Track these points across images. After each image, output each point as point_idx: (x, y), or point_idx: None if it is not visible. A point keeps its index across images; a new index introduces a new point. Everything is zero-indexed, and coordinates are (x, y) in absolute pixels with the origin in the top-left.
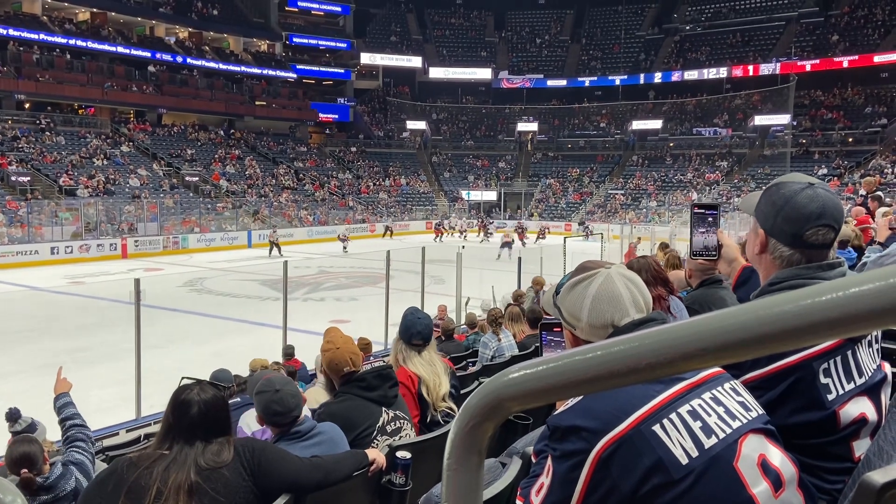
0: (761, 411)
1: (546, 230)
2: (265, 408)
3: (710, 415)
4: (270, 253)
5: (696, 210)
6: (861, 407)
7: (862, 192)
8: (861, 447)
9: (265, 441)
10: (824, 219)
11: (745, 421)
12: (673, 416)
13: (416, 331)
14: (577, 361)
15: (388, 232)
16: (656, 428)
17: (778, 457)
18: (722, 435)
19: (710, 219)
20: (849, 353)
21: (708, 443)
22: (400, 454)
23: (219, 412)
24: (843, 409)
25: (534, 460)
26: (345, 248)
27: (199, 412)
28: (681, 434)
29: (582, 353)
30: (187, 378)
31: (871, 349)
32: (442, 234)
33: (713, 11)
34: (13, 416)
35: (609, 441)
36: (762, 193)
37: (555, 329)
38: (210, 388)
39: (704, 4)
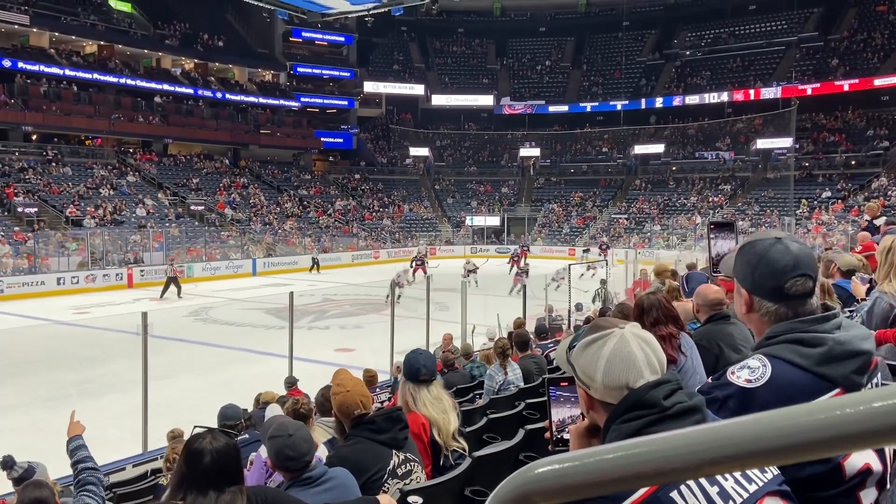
0: (777, 471)
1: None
2: (277, 453)
3: (727, 479)
4: (164, 294)
5: (713, 227)
6: (865, 457)
7: (866, 217)
8: (868, 497)
9: (277, 489)
10: (799, 269)
11: (760, 484)
12: (690, 482)
13: (420, 365)
14: (604, 461)
15: (315, 266)
16: (674, 494)
17: None
18: (739, 500)
19: (726, 232)
20: None
21: None
22: (411, 499)
23: (231, 461)
24: (848, 460)
25: None
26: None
27: (211, 461)
28: (698, 500)
29: (608, 451)
30: (199, 427)
31: None
32: (423, 269)
33: (713, 37)
34: (8, 463)
35: None
36: (736, 254)
37: (562, 384)
38: (222, 437)
39: (704, 30)
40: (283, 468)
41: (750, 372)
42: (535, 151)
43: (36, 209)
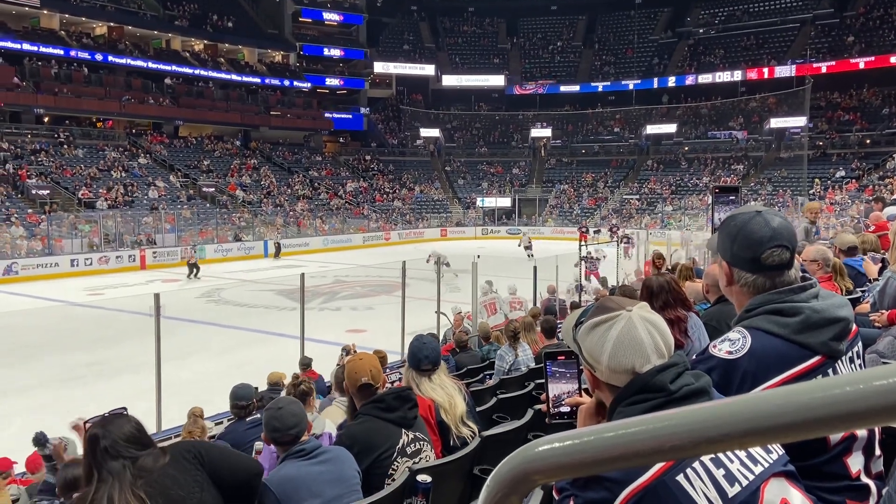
0: (781, 452)
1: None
2: (266, 423)
3: (732, 461)
4: (190, 276)
5: (717, 191)
6: None
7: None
8: (856, 463)
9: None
10: (776, 240)
11: (766, 465)
12: (696, 464)
13: (423, 356)
14: (603, 439)
15: (277, 252)
16: (680, 478)
17: (799, 499)
18: (745, 482)
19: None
20: (830, 370)
21: (731, 491)
22: (420, 478)
23: (130, 431)
24: None
25: (555, 496)
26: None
27: (111, 440)
28: (704, 483)
29: (608, 430)
30: (87, 420)
31: (852, 365)
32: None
33: (727, 14)
34: (40, 440)
35: (633, 491)
36: (719, 229)
37: (559, 358)
38: (110, 417)
39: (718, 7)
40: (272, 440)
41: (731, 344)
42: (547, 132)
43: (48, 191)
